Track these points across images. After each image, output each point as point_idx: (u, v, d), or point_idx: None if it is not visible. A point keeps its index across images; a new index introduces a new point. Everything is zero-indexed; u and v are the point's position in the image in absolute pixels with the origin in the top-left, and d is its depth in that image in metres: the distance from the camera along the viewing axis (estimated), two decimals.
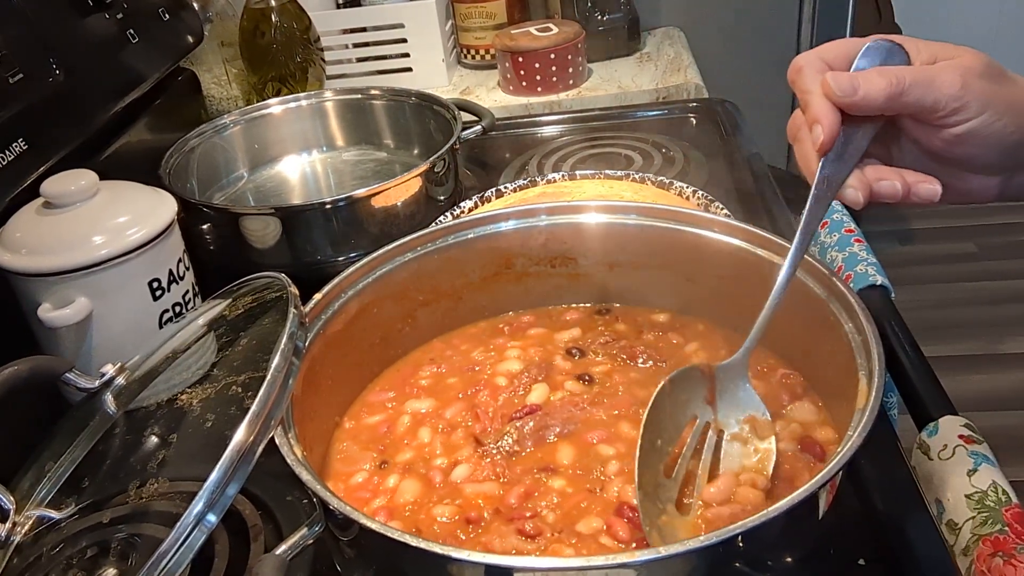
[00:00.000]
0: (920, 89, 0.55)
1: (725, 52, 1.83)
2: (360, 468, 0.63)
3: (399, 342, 0.73)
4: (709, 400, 0.61)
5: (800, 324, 0.64)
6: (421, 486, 0.60)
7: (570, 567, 0.45)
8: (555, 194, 0.96)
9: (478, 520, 0.57)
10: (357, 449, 0.65)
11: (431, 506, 0.59)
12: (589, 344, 0.73)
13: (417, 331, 0.74)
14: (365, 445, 0.65)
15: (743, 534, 0.44)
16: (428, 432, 0.65)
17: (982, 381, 2.25)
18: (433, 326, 0.75)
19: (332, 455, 0.65)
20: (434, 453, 0.63)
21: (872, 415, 0.50)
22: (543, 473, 0.60)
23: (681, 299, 0.74)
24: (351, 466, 0.63)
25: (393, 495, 0.60)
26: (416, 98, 1.21)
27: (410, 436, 0.66)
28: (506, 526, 0.56)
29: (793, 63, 0.59)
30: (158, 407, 0.62)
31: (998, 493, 0.65)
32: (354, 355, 0.69)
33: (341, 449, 0.65)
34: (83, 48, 0.96)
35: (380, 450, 0.65)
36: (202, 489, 0.47)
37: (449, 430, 0.65)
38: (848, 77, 0.56)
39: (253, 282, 0.66)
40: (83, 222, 0.75)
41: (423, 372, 0.72)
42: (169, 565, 0.47)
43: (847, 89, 0.56)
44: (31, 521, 0.57)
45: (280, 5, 1.34)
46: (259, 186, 1.21)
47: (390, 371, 0.73)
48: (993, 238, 2.84)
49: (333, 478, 0.63)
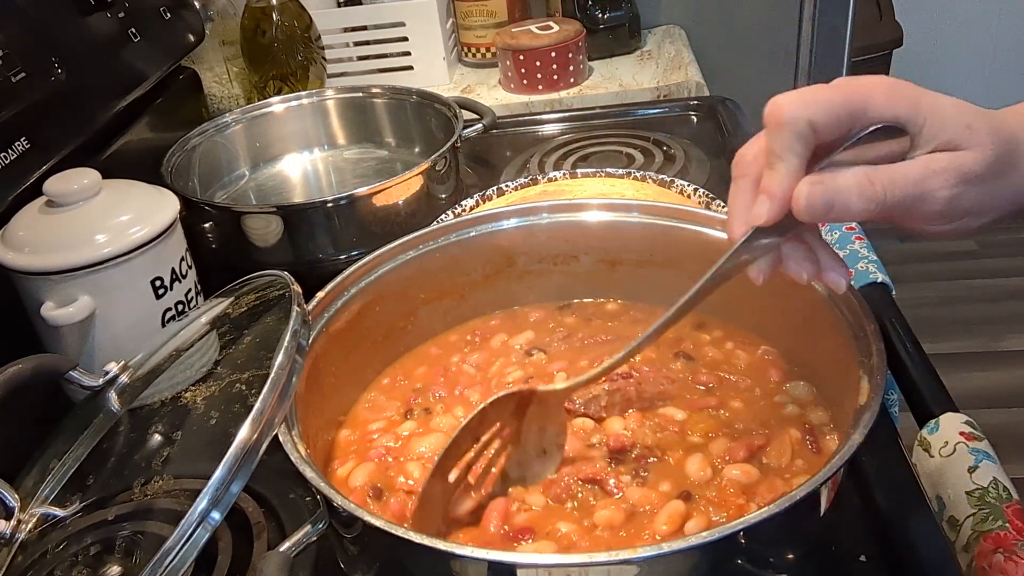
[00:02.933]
0: (902, 208, 0.49)
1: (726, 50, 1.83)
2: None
3: (401, 340, 0.74)
4: (516, 415, 0.60)
5: (801, 321, 0.64)
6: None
7: (573, 563, 0.45)
8: (556, 192, 0.96)
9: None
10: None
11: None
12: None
13: (419, 329, 0.74)
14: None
15: (745, 530, 0.44)
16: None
17: (983, 378, 2.25)
18: (435, 324, 0.75)
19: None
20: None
21: (874, 412, 0.50)
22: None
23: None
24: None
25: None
26: (417, 96, 1.21)
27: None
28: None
29: (775, 112, 0.49)
30: (162, 404, 0.62)
31: (999, 490, 0.65)
32: (357, 353, 0.69)
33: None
34: (85, 47, 0.97)
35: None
36: (206, 487, 0.48)
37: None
38: (823, 195, 0.48)
39: (256, 280, 0.66)
40: (86, 221, 0.75)
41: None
42: (174, 562, 0.47)
43: (819, 212, 0.48)
44: (35, 518, 0.58)
45: (281, 4, 1.34)
46: (260, 184, 1.21)
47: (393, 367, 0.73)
48: (994, 235, 2.84)
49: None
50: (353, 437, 0.66)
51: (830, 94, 0.49)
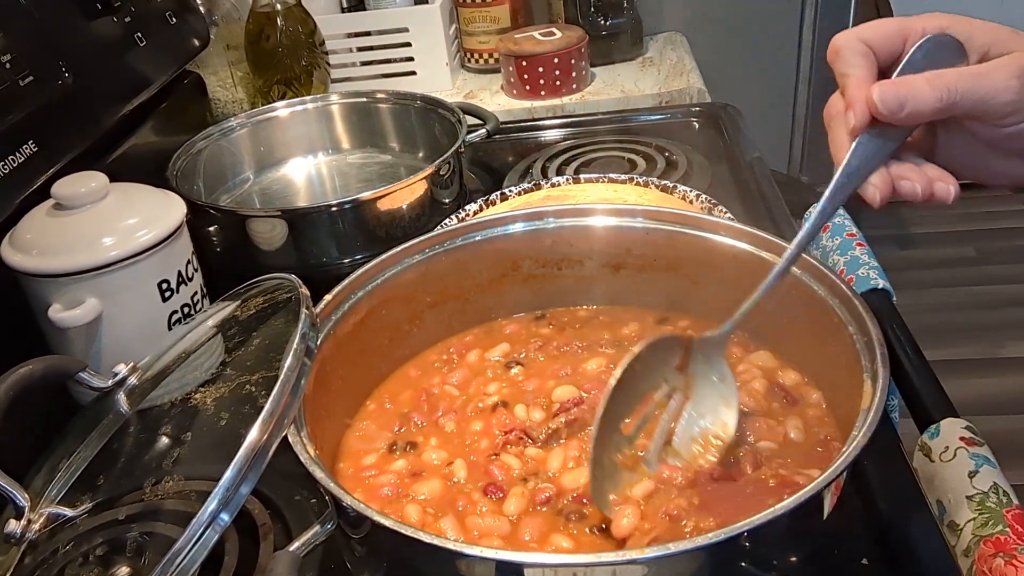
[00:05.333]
0: (972, 98, 0.53)
1: (727, 57, 1.84)
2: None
3: (407, 343, 0.74)
4: (680, 368, 0.61)
5: (804, 326, 0.65)
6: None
7: (579, 563, 0.45)
8: (559, 197, 0.97)
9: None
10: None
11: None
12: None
13: (425, 332, 0.75)
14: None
15: (749, 532, 0.45)
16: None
17: (982, 385, 2.26)
18: (440, 328, 0.76)
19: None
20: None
21: (876, 415, 0.50)
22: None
23: (686, 301, 0.75)
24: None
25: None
26: (421, 102, 1.22)
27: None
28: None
29: (832, 44, 0.57)
30: (172, 406, 0.63)
31: (999, 494, 0.65)
32: (364, 355, 0.69)
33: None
34: (91, 51, 0.97)
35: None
36: (216, 488, 0.48)
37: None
38: (894, 92, 0.53)
39: (264, 283, 0.67)
40: (93, 223, 0.76)
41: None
42: (183, 563, 0.47)
43: (893, 107, 0.53)
44: (45, 518, 0.58)
45: (285, 9, 1.35)
46: (265, 188, 1.22)
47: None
48: (993, 242, 2.84)
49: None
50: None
51: (877, 19, 0.57)
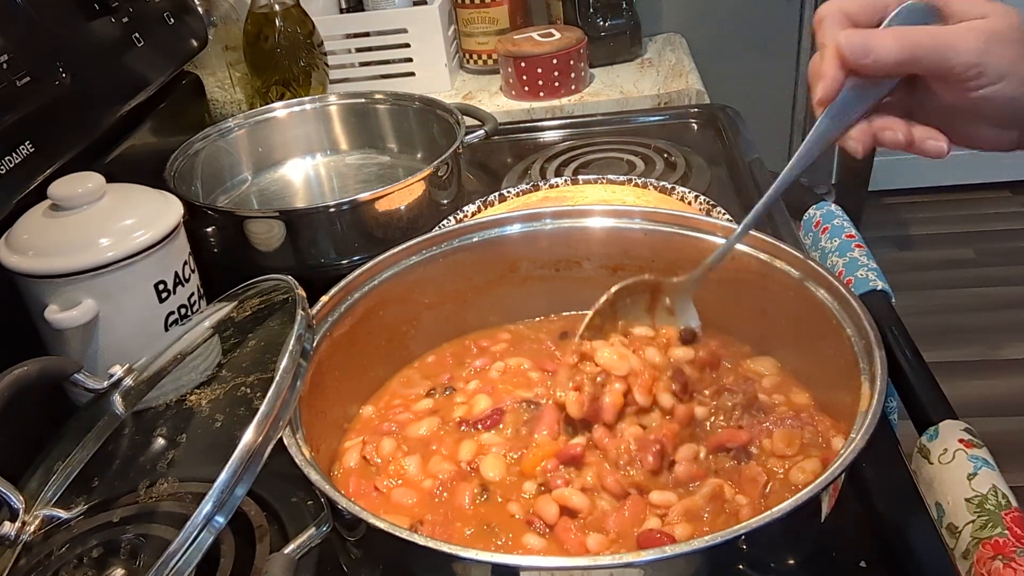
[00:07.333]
0: (935, 55, 0.54)
1: (726, 58, 1.84)
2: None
3: (404, 345, 0.74)
4: (648, 309, 0.68)
5: (802, 327, 0.65)
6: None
7: (576, 566, 0.45)
8: (558, 198, 0.96)
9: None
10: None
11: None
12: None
13: (422, 334, 0.75)
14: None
15: (747, 535, 0.45)
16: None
17: (981, 387, 2.26)
18: (438, 329, 0.75)
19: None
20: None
21: (875, 418, 0.50)
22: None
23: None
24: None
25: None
26: (419, 102, 1.21)
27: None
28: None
29: (816, 14, 0.59)
30: (167, 407, 0.62)
31: (998, 497, 0.65)
32: (360, 357, 0.69)
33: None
34: (89, 52, 0.97)
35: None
36: (211, 490, 0.48)
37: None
38: (860, 39, 0.55)
39: (260, 284, 0.66)
40: (90, 224, 0.76)
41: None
42: (178, 565, 0.47)
43: (858, 53, 0.55)
44: (39, 520, 0.57)
45: (284, 9, 1.35)
46: (263, 189, 1.22)
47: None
48: (992, 244, 2.84)
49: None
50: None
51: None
